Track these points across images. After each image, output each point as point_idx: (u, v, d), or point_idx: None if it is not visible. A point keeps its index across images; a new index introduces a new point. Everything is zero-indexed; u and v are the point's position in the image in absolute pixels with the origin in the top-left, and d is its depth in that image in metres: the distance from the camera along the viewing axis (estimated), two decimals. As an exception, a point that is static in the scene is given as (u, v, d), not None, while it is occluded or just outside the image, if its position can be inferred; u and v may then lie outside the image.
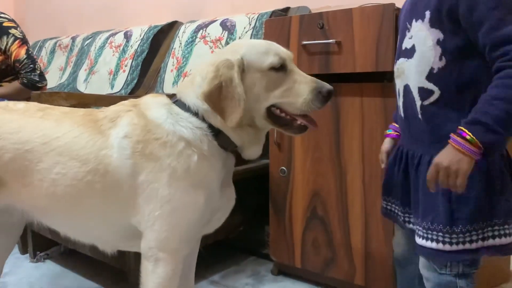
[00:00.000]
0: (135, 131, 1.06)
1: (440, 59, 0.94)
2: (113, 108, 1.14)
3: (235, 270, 1.82)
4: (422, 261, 1.03)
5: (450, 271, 0.95)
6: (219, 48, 2.13)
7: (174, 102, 1.13)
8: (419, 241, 0.98)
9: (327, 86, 1.07)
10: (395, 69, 1.08)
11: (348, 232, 1.51)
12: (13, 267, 1.89)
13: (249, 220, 1.88)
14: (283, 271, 1.76)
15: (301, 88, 1.06)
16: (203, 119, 1.08)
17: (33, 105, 1.20)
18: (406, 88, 1.02)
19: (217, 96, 1.03)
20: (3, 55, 2.33)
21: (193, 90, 1.09)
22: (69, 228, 1.19)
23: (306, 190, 1.60)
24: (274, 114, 1.08)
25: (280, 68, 1.06)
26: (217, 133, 1.08)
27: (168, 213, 1.04)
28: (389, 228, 1.42)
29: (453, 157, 0.86)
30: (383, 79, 1.40)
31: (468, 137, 0.85)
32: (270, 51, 1.06)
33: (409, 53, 1.00)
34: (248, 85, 1.04)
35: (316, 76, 1.49)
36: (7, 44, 2.32)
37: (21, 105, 1.19)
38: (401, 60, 1.04)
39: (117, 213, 1.09)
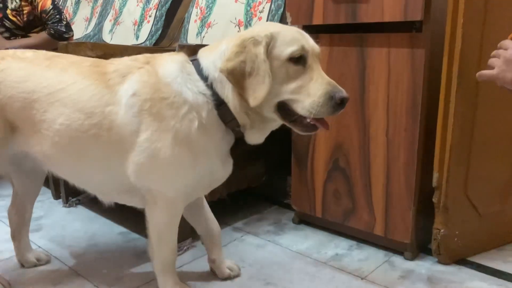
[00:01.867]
0: (144, 89, 1.07)
1: None
2: (125, 61, 1.14)
3: (257, 218, 1.88)
4: None
5: None
6: (244, -3, 2.09)
7: (191, 61, 1.12)
8: None
9: (343, 92, 0.99)
10: None
11: (369, 184, 1.53)
12: (47, 211, 2.00)
13: (271, 170, 1.92)
14: (303, 220, 1.81)
15: (314, 88, 1.00)
16: (211, 87, 1.07)
17: (41, 53, 1.22)
18: None
19: (240, 73, 1.00)
20: (30, 6, 2.36)
21: (212, 55, 1.09)
22: (74, 178, 1.23)
23: (328, 142, 1.60)
24: (284, 109, 1.04)
25: (299, 60, 1.01)
26: (219, 104, 1.07)
27: (168, 171, 1.09)
28: (411, 181, 1.43)
29: None
30: (411, 29, 1.36)
31: None
32: (294, 41, 1.01)
33: None
34: None
35: (343, 25, 1.48)
36: (33, -6, 2.33)
37: (29, 53, 1.21)
38: None
39: (116, 166, 1.11)
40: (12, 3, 2.34)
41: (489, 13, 1.33)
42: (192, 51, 1.52)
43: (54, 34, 2.33)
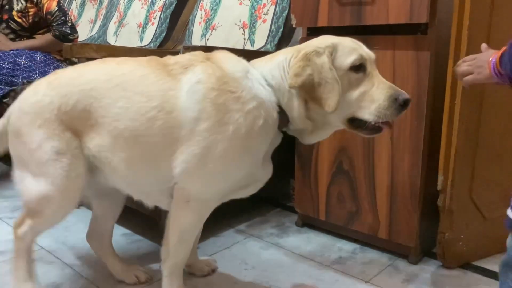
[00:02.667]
0: (210, 79, 1.06)
1: None
2: (185, 56, 1.14)
3: (260, 221, 1.88)
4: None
5: None
6: (248, -1, 2.09)
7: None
8: (508, 212, 0.91)
9: (405, 94, 1.03)
10: None
11: (373, 187, 1.52)
12: (50, 212, 2.00)
13: (275, 173, 1.91)
14: (307, 223, 1.80)
15: (378, 93, 1.03)
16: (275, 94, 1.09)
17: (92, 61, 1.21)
18: None
19: (310, 85, 1.02)
20: (35, 8, 2.37)
21: (269, 65, 1.10)
22: (123, 176, 1.16)
23: (332, 145, 1.60)
24: (352, 119, 1.07)
25: (360, 68, 1.04)
26: (280, 110, 1.09)
27: (220, 167, 1.06)
28: (415, 185, 1.42)
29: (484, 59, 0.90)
30: (416, 32, 1.35)
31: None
32: (353, 51, 1.05)
33: None
34: None
35: (347, 28, 1.47)
36: (39, -4, 2.34)
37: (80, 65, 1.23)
38: None
39: (165, 156, 1.08)
40: (17, 4, 2.36)
41: (494, 16, 1.33)
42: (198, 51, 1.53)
43: (59, 36, 2.34)
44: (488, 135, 1.42)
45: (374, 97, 1.03)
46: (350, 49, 1.05)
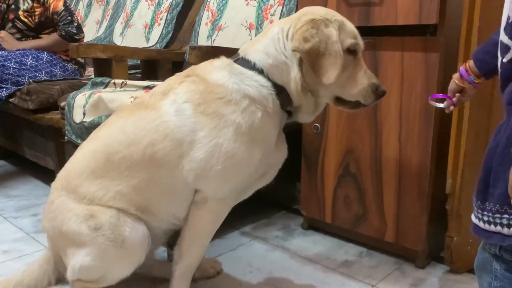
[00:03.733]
0: (195, 96, 1.07)
1: None
2: (162, 83, 1.15)
3: (265, 223, 1.86)
4: None
5: (489, 248, 0.83)
6: (255, 0, 2.08)
7: (235, 61, 1.13)
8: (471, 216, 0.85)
9: (384, 86, 1.11)
10: None
11: (380, 190, 1.50)
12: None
13: (280, 175, 1.89)
14: (313, 225, 1.78)
15: (362, 77, 1.09)
16: (268, 78, 1.09)
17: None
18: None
19: (316, 52, 1.03)
20: (42, 7, 2.37)
21: (262, 45, 1.10)
22: (156, 214, 1.14)
23: (339, 147, 1.58)
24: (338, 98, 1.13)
25: (353, 52, 1.08)
26: (280, 91, 1.10)
27: (229, 167, 1.06)
28: (423, 188, 1.40)
29: None
30: (425, 33, 1.34)
31: None
32: (354, 34, 1.10)
33: None
34: None
35: (356, 29, 1.45)
36: (45, -4, 2.35)
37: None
38: None
39: (180, 180, 1.08)
40: (24, 4, 2.36)
41: (505, 17, 1.31)
42: (204, 51, 1.52)
43: (65, 36, 2.34)
44: (497, 138, 1.40)
45: (358, 80, 1.09)
46: (352, 31, 1.10)
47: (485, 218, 0.78)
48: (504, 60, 0.77)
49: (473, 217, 0.82)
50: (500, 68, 0.79)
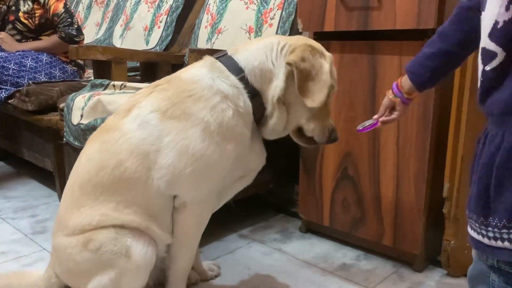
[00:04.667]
0: (162, 103, 1.06)
1: (507, 9, 0.69)
2: (127, 100, 1.14)
3: (263, 226, 1.86)
4: None
5: (486, 259, 0.81)
6: (254, 4, 2.09)
7: (219, 57, 1.14)
8: (468, 227, 0.83)
9: (338, 134, 1.21)
10: None
11: (378, 193, 1.51)
12: (53, 214, 1.99)
13: (279, 178, 1.90)
14: (311, 228, 1.79)
15: (326, 117, 1.17)
16: (246, 80, 1.10)
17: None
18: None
19: (307, 74, 1.07)
20: (42, 9, 2.37)
21: (255, 48, 1.12)
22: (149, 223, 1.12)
23: (337, 150, 1.59)
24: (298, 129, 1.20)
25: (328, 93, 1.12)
26: (254, 96, 1.11)
27: (200, 169, 1.05)
28: (421, 191, 1.40)
29: None
30: (424, 37, 1.34)
31: None
32: (334, 74, 1.16)
33: (483, 3, 0.77)
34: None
35: (354, 33, 1.47)
36: (45, -2, 2.35)
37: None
38: (481, 14, 0.80)
39: (155, 191, 1.06)
40: (24, 6, 2.36)
41: (503, 23, 1.31)
42: (204, 54, 1.52)
43: (65, 38, 2.34)
44: (495, 143, 1.40)
45: (323, 118, 1.16)
46: (335, 73, 1.17)
47: (490, 234, 0.75)
48: (487, 68, 0.74)
49: (473, 233, 0.79)
50: (481, 77, 0.76)
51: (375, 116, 1.18)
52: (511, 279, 0.78)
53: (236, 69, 1.10)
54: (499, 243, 0.73)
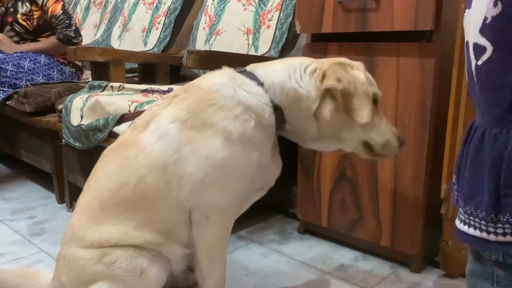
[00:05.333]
0: (181, 113, 1.03)
1: (495, 4, 0.71)
2: (144, 113, 1.12)
3: (262, 227, 1.87)
4: None
5: (489, 256, 0.81)
6: (252, 5, 2.09)
7: (239, 71, 1.11)
8: (460, 225, 0.83)
9: (402, 136, 1.16)
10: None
11: (376, 194, 1.51)
12: (51, 215, 1.99)
13: (277, 179, 1.90)
14: (309, 229, 1.79)
15: (386, 128, 1.13)
16: (266, 92, 1.08)
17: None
18: (466, 46, 0.83)
19: (348, 92, 1.04)
20: (40, 11, 2.38)
21: (276, 67, 1.09)
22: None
23: (335, 151, 1.59)
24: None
25: (374, 101, 1.10)
26: (275, 108, 1.08)
27: (221, 178, 1.03)
28: (418, 192, 1.41)
29: None
30: (421, 39, 1.35)
31: None
32: (375, 84, 1.12)
33: (469, 1, 0.80)
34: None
35: (352, 34, 1.47)
36: (43, 0, 2.35)
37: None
38: (466, 11, 0.83)
39: (175, 205, 1.05)
40: (22, 7, 2.36)
41: (500, 24, 1.32)
42: (202, 56, 1.53)
43: (63, 39, 2.34)
44: (492, 144, 1.41)
45: (382, 131, 1.12)
46: (373, 81, 1.12)
47: (499, 231, 0.75)
48: (479, 62, 0.76)
49: (476, 232, 0.78)
50: (475, 71, 0.78)
51: None
52: None
53: (257, 81, 1.08)
54: (508, 238, 0.74)
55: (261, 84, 1.07)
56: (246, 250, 1.65)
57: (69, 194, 2.05)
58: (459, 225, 0.83)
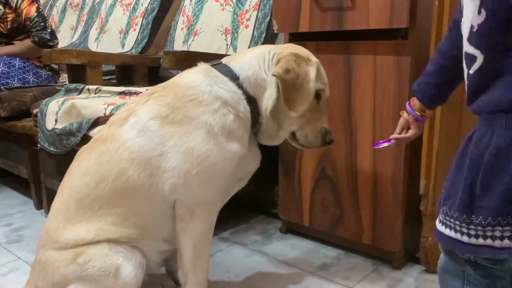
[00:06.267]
0: (161, 109, 1.05)
1: (479, 12, 0.71)
2: (121, 109, 1.12)
3: (244, 228, 1.86)
4: None
5: (461, 254, 0.81)
6: (230, 5, 2.08)
7: (214, 65, 1.14)
8: (438, 225, 0.82)
9: (333, 136, 1.19)
10: None
11: (356, 192, 1.51)
12: (29, 222, 1.95)
13: (259, 180, 1.89)
14: (291, 229, 1.79)
15: (319, 123, 1.17)
16: (241, 86, 1.11)
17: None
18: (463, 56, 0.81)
19: (292, 84, 1.07)
20: (14, 13, 2.33)
21: (248, 58, 1.13)
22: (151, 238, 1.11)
23: (315, 150, 1.59)
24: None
25: (318, 96, 1.14)
26: (250, 101, 1.12)
27: (206, 170, 1.04)
28: (398, 189, 1.42)
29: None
30: (397, 36, 1.36)
31: None
32: (325, 78, 1.16)
33: (462, 11, 0.79)
34: None
35: (329, 33, 1.47)
36: (17, 2, 2.31)
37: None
38: (461, 21, 0.81)
39: (158, 198, 1.04)
40: (-5, 10, 2.31)
41: (473, 21, 1.34)
42: (179, 56, 1.51)
43: (38, 42, 2.30)
44: (469, 139, 1.43)
45: (315, 125, 1.16)
46: (324, 77, 1.17)
47: (472, 232, 0.75)
48: (471, 71, 0.76)
49: (449, 232, 0.78)
50: (467, 81, 0.78)
51: (391, 136, 1.17)
52: (488, 271, 0.80)
53: (232, 76, 1.11)
54: (480, 241, 0.74)
55: (236, 78, 1.11)
56: (229, 252, 1.64)
57: (47, 200, 2.00)
58: (437, 225, 0.83)
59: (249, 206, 2.07)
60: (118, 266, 1.03)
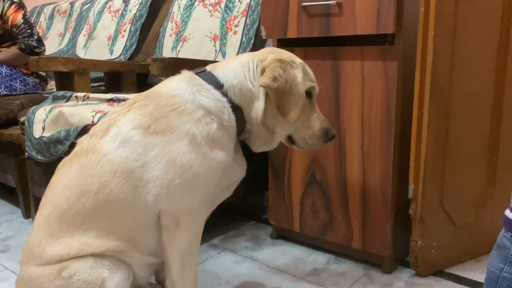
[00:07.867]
0: (142, 119, 1.03)
1: None
2: (102, 121, 1.10)
3: (234, 234, 1.85)
4: None
5: (510, 237, 0.85)
6: (219, 11, 2.09)
7: (198, 73, 1.12)
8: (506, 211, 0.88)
9: (334, 130, 1.17)
10: None
11: (346, 197, 1.52)
12: (17, 232, 1.93)
13: (249, 185, 1.89)
14: (281, 235, 1.78)
15: (315, 121, 1.15)
16: (226, 94, 1.10)
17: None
18: None
19: (282, 91, 1.06)
20: (0, 20, 2.31)
21: (232, 65, 1.12)
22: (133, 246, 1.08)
23: (304, 155, 1.59)
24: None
25: (309, 95, 1.13)
26: (235, 109, 1.10)
27: (189, 179, 1.02)
28: (387, 194, 1.42)
29: None
30: (384, 42, 1.37)
31: None
32: (311, 76, 1.15)
33: None
34: None
35: (316, 39, 1.48)
36: (3, 8, 2.29)
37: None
38: None
39: (141, 210, 1.02)
40: (-19, 17, 2.29)
41: (458, 26, 1.36)
42: (166, 63, 1.51)
43: (25, 49, 2.28)
44: (456, 143, 1.44)
45: (311, 124, 1.15)
46: (311, 74, 1.15)
47: None
48: None
49: (507, 212, 0.85)
50: None
51: None
52: None
53: (216, 84, 1.09)
54: None
55: (221, 85, 1.09)
56: (219, 259, 1.63)
57: (35, 209, 1.98)
58: (508, 214, 0.87)
59: (239, 211, 2.06)
60: (104, 278, 1.01)
